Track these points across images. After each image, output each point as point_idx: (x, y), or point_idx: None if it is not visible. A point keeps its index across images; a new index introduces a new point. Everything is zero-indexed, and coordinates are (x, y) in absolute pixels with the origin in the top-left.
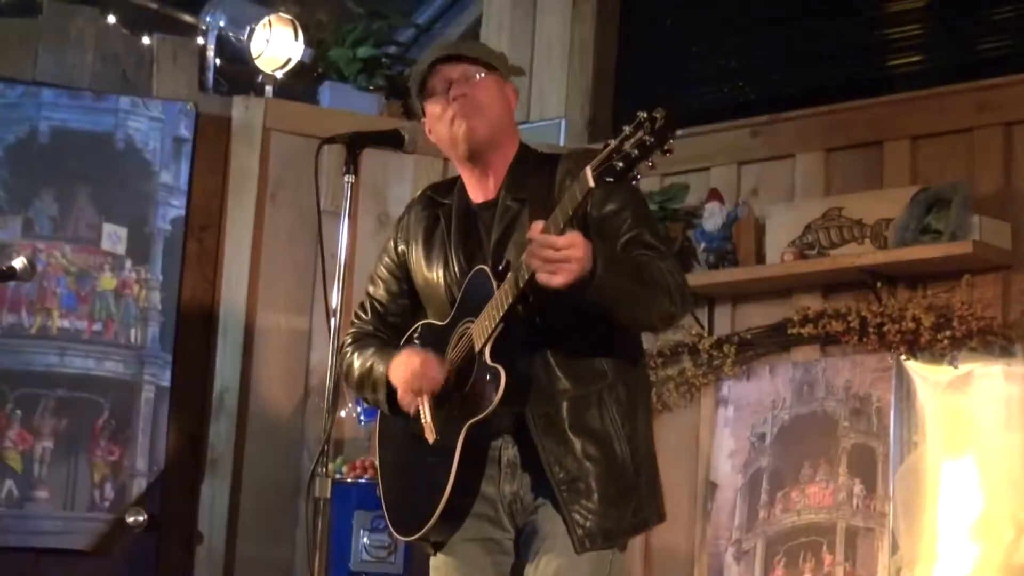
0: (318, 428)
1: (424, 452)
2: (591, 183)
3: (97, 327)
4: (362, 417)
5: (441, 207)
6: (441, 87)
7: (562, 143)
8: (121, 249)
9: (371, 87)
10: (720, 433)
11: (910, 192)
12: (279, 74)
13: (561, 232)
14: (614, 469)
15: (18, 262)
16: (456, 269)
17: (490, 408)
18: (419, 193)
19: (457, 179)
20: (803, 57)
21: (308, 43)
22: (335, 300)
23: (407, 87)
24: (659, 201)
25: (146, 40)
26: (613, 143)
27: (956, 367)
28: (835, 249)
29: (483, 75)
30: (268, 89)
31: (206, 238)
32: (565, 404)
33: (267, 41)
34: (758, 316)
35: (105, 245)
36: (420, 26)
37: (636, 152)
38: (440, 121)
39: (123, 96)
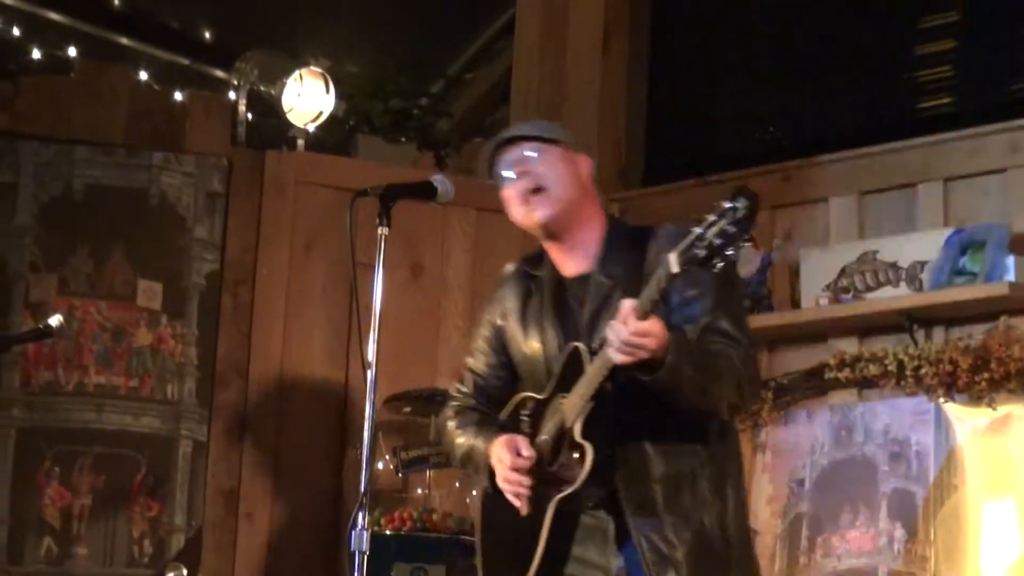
0: (355, 480)
1: (517, 523)
2: (674, 269)
3: (134, 383)
4: (400, 469)
5: (534, 279)
6: (499, 165)
7: None
8: (156, 304)
9: (403, 139)
10: (759, 479)
11: (944, 234)
12: (311, 127)
13: (645, 315)
14: (705, 549)
15: (54, 320)
16: (554, 343)
17: (576, 485)
18: (512, 266)
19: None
20: (834, 101)
21: (339, 96)
22: (371, 352)
23: (439, 139)
24: None
25: (178, 96)
26: (696, 231)
27: (995, 409)
28: (870, 292)
29: (543, 150)
30: (300, 142)
31: (241, 292)
32: (658, 485)
33: (299, 95)
34: (794, 361)
35: (140, 301)
36: (450, 77)
37: (719, 241)
38: (511, 205)
39: (156, 152)
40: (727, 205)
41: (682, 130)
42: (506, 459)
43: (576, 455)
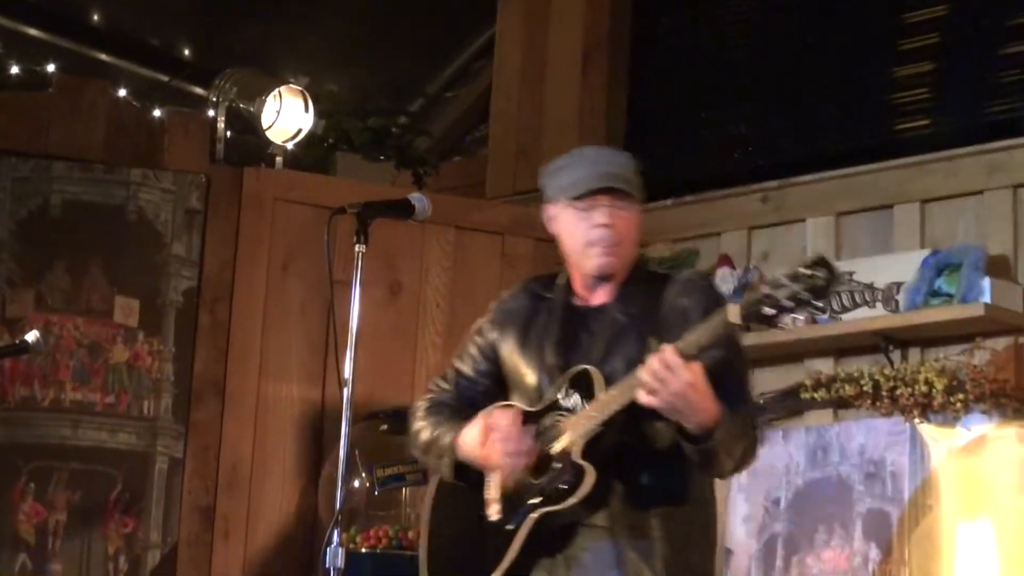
0: (331, 498)
1: (482, 528)
2: (736, 321)
3: (110, 399)
4: (376, 487)
5: (543, 300)
6: (586, 202)
7: None
8: (133, 321)
9: (382, 157)
10: (734, 498)
11: (921, 255)
12: (290, 145)
13: (689, 359)
14: None
15: (31, 336)
16: (552, 363)
17: (568, 503)
18: (520, 283)
19: (558, 275)
20: (812, 122)
21: (318, 114)
22: (347, 370)
23: (418, 157)
24: (668, 267)
25: (157, 112)
26: (764, 290)
27: (969, 430)
28: (847, 313)
29: (629, 208)
30: (279, 160)
31: (218, 309)
32: (655, 519)
33: (277, 112)
34: (770, 381)
35: (117, 317)
36: (430, 96)
37: (788, 303)
38: (574, 231)
39: (134, 168)
40: (805, 271)
41: (661, 150)
42: (504, 421)
43: (573, 474)
